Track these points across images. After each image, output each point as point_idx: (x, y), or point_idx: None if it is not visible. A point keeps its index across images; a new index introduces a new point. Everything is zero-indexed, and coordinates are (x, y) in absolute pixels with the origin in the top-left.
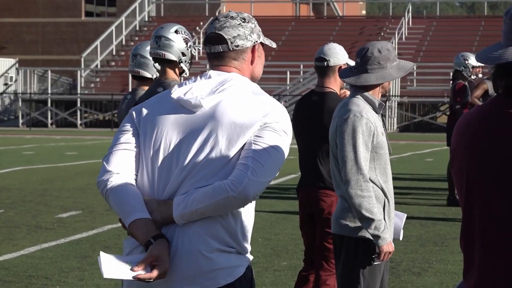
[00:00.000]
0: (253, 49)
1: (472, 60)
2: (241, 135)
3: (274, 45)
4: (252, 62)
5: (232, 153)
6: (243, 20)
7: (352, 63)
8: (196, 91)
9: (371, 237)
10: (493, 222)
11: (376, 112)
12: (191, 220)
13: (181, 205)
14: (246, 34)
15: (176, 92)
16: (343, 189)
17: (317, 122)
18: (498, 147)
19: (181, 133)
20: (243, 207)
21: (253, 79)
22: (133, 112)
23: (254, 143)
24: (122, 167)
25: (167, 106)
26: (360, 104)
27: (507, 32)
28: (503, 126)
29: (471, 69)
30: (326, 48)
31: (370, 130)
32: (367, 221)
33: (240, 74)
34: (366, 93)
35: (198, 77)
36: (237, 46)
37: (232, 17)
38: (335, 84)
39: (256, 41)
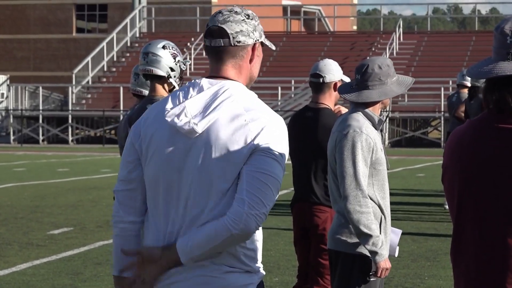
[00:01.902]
0: (253, 47)
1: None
2: (235, 164)
3: (273, 47)
4: (251, 61)
5: (228, 184)
6: (247, 17)
7: (346, 79)
8: (189, 111)
9: (367, 254)
10: (484, 236)
11: (376, 128)
12: (201, 260)
13: (187, 250)
14: (249, 30)
15: (170, 115)
16: (341, 205)
17: (312, 138)
18: (490, 162)
19: (179, 164)
20: (249, 239)
21: (250, 79)
22: (132, 135)
23: (247, 174)
24: (129, 211)
25: (163, 130)
26: (360, 120)
27: (497, 47)
28: (495, 141)
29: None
30: (321, 65)
31: (369, 146)
32: (365, 237)
33: (237, 74)
34: (366, 109)
35: (191, 89)
36: (239, 42)
37: (236, 12)
38: (329, 100)
39: (258, 40)
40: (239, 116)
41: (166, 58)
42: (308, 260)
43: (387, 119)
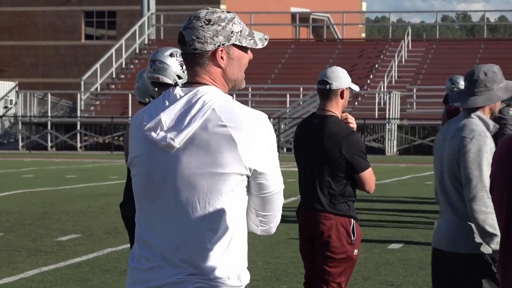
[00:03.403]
0: (215, 52)
1: (461, 83)
2: (217, 174)
3: (259, 46)
4: (219, 66)
5: (212, 195)
6: (207, 22)
7: (354, 87)
8: (165, 124)
9: (489, 252)
10: None
11: (490, 133)
12: None
13: None
14: (206, 37)
15: (147, 129)
16: (461, 207)
17: (318, 145)
18: None
19: (161, 177)
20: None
21: (231, 82)
22: (128, 149)
23: (255, 195)
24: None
25: (143, 143)
26: (479, 125)
27: None
28: None
29: None
30: (329, 72)
31: (492, 149)
32: (491, 237)
33: (210, 79)
34: (481, 115)
35: (165, 100)
36: (195, 49)
37: (198, 18)
38: (336, 108)
39: (222, 44)
40: (219, 125)
41: (174, 66)
42: (314, 267)
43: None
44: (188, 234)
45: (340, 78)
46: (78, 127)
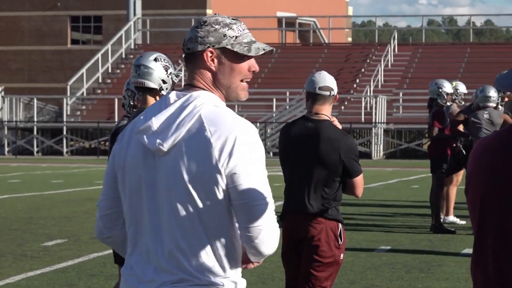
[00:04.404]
0: (204, 53)
1: (447, 88)
2: (201, 181)
3: (251, 54)
4: (209, 69)
5: (197, 202)
6: (202, 23)
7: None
8: (155, 128)
9: None
10: (507, 248)
11: None
12: None
13: None
14: (198, 36)
15: (138, 132)
16: None
17: (314, 149)
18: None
19: (150, 181)
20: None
21: (224, 89)
22: (112, 153)
23: (234, 207)
24: (111, 230)
25: (135, 147)
26: None
27: None
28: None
29: (445, 96)
30: (330, 79)
31: None
32: None
33: (203, 81)
34: None
35: (161, 104)
36: (188, 49)
37: (198, 21)
38: (329, 112)
39: (212, 45)
40: (201, 130)
41: (158, 71)
42: (298, 271)
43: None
44: (178, 239)
45: (335, 84)
46: (64, 132)
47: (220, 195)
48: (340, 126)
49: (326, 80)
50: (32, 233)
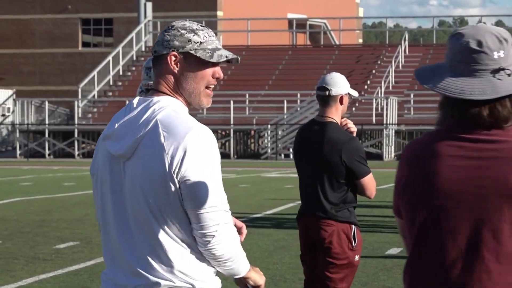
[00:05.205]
0: (168, 56)
1: None
2: (158, 186)
3: (213, 60)
4: (172, 73)
5: (156, 207)
6: (170, 27)
7: (353, 92)
8: (118, 134)
9: None
10: (444, 253)
11: None
12: None
13: None
14: (163, 40)
15: (103, 138)
16: None
17: (318, 152)
18: (448, 174)
19: (116, 186)
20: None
21: (186, 94)
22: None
23: (189, 213)
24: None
25: (103, 153)
26: None
27: (467, 63)
28: (452, 153)
29: None
30: (328, 78)
31: None
32: None
33: (167, 86)
34: None
35: (127, 109)
36: (155, 52)
37: (168, 25)
38: (336, 114)
39: (175, 50)
40: (156, 135)
41: None
42: (315, 273)
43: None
44: (143, 244)
45: (339, 84)
46: (76, 135)
47: (176, 200)
48: (354, 128)
49: (325, 80)
50: (44, 235)
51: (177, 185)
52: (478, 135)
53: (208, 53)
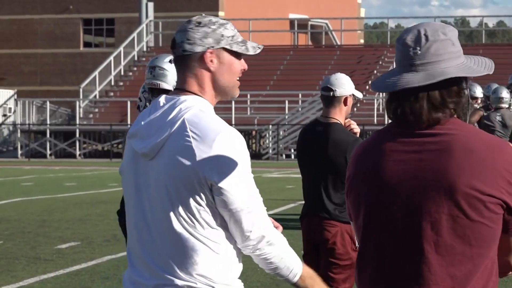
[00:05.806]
0: (204, 55)
1: (477, 92)
2: (183, 187)
3: (250, 52)
4: (209, 70)
5: (179, 208)
6: (197, 24)
7: (358, 94)
8: (143, 133)
9: None
10: (389, 246)
11: None
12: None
13: None
14: (195, 38)
15: (129, 136)
16: None
17: (322, 153)
18: (391, 168)
19: (141, 185)
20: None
21: (220, 90)
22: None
23: (225, 215)
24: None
25: (129, 152)
26: None
27: (400, 60)
28: (394, 149)
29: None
30: (333, 78)
31: None
32: None
33: (197, 85)
34: None
35: (152, 108)
36: (184, 51)
37: (189, 21)
38: (340, 115)
39: (211, 47)
40: (183, 134)
41: (173, 72)
42: (317, 274)
43: None
44: (166, 245)
45: (344, 85)
46: (77, 135)
47: (203, 201)
48: (357, 129)
49: (329, 80)
50: (45, 236)
51: (205, 188)
52: (419, 130)
53: (242, 46)
